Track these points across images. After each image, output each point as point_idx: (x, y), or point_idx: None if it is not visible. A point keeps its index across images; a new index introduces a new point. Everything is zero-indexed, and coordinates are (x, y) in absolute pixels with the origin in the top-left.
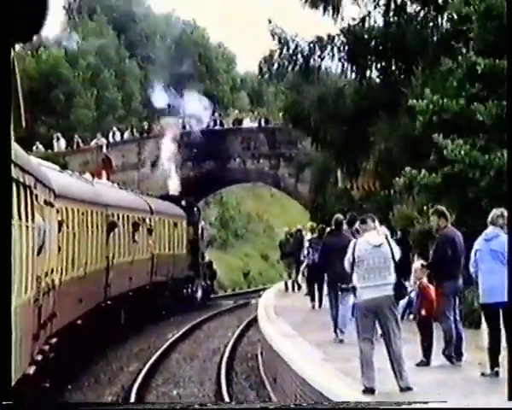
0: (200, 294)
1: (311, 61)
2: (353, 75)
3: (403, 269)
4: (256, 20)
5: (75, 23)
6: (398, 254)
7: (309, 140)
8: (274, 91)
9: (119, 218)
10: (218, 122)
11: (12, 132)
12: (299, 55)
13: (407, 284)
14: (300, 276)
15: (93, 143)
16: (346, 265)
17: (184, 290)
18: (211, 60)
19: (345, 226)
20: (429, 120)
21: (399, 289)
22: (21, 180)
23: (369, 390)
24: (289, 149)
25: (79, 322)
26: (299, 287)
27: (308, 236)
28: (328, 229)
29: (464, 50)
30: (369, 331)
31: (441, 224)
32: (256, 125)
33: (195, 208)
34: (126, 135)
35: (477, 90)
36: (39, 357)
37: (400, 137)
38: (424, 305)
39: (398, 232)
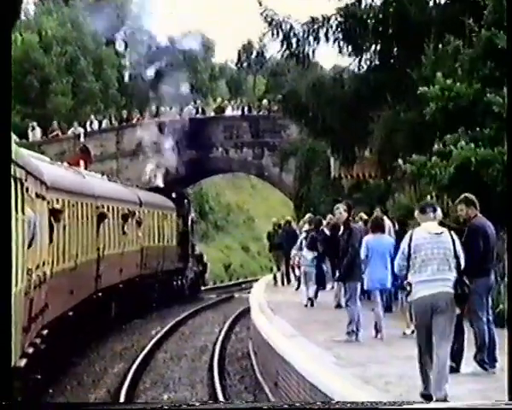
0: (189, 286)
1: (306, 44)
2: (351, 58)
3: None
4: (235, 8)
5: (49, 8)
6: (460, 249)
7: (294, 128)
8: (253, 80)
9: (108, 209)
10: (199, 110)
11: None
12: (293, 39)
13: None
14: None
15: (70, 132)
16: (399, 260)
17: (174, 282)
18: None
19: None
20: (442, 107)
21: (461, 289)
22: (12, 173)
23: (426, 397)
24: (273, 137)
25: (71, 313)
26: (289, 281)
27: (306, 227)
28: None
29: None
30: (427, 337)
31: (471, 213)
32: (239, 112)
33: (185, 200)
34: (104, 124)
35: (490, 71)
36: (30, 350)
37: (403, 124)
38: None
39: (396, 224)
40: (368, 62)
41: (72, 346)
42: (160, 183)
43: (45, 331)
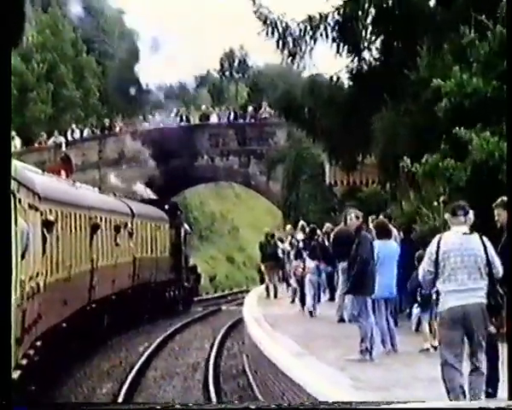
0: (182, 297)
1: (302, 43)
2: (349, 59)
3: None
4: (217, 16)
5: (28, 15)
6: (493, 255)
7: (281, 135)
8: (235, 88)
9: (101, 220)
10: (183, 118)
11: None
12: (289, 38)
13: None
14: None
15: (50, 141)
16: (425, 266)
17: (167, 294)
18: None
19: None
20: (457, 103)
21: (494, 299)
22: None
23: None
24: (260, 145)
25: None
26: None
27: (299, 235)
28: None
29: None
30: (457, 353)
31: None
32: (225, 120)
33: (178, 211)
34: (86, 133)
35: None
36: (24, 361)
37: (407, 126)
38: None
39: (401, 231)
40: (366, 62)
41: (64, 359)
42: (142, 191)
43: (39, 343)
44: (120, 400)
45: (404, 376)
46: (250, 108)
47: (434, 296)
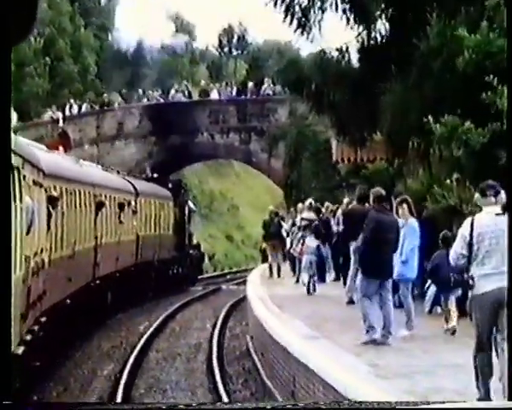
0: (186, 275)
1: (311, 14)
2: (358, 31)
3: None
4: None
5: None
6: None
7: (283, 112)
8: (234, 65)
9: (106, 198)
10: (185, 93)
11: None
12: (297, 8)
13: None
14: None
15: (47, 116)
16: (458, 248)
17: (171, 272)
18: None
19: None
20: (477, 62)
21: None
22: None
23: None
24: (261, 121)
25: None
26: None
27: (305, 214)
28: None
29: None
30: (489, 338)
31: None
32: (225, 96)
33: (182, 190)
34: (84, 108)
35: None
36: (28, 337)
37: (417, 99)
38: None
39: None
40: (377, 34)
41: (68, 337)
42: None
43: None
44: (123, 382)
45: (425, 362)
46: (251, 84)
47: (470, 281)
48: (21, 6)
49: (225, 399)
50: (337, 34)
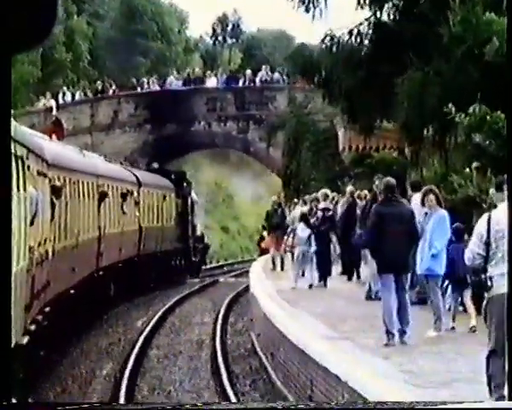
0: (189, 266)
1: None
2: (371, 11)
3: None
4: None
5: None
6: None
7: (282, 100)
8: (229, 53)
9: (109, 188)
10: (184, 81)
11: None
12: None
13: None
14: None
15: (41, 104)
16: (474, 247)
17: (173, 263)
18: (162, 18)
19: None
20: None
21: None
22: (12, 151)
23: None
24: (260, 110)
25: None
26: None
27: (322, 204)
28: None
29: None
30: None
31: None
32: (223, 81)
33: (185, 181)
34: (78, 96)
35: None
36: (33, 327)
37: (437, 86)
38: None
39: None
40: (390, 14)
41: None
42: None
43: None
44: (124, 384)
45: (463, 366)
46: (248, 71)
47: (488, 282)
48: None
49: (233, 401)
50: (347, 15)
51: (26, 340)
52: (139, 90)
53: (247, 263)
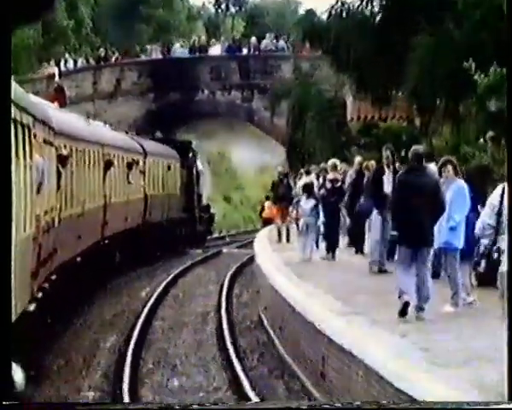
0: (195, 235)
1: None
2: None
3: None
4: None
5: None
6: None
7: (286, 69)
8: (232, 22)
9: (114, 158)
10: (189, 49)
11: None
12: None
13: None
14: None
15: (43, 71)
16: (486, 218)
17: (179, 232)
18: None
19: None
20: None
21: None
22: (19, 119)
23: None
24: (264, 78)
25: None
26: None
27: (331, 175)
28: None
29: None
30: None
31: None
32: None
33: (191, 151)
34: (80, 63)
35: None
36: (40, 294)
37: (449, 51)
38: None
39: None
40: None
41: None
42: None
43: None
44: (129, 356)
45: (481, 344)
46: (253, 39)
47: (495, 255)
48: None
49: (242, 376)
50: None
51: (33, 307)
52: (143, 57)
53: (252, 234)
